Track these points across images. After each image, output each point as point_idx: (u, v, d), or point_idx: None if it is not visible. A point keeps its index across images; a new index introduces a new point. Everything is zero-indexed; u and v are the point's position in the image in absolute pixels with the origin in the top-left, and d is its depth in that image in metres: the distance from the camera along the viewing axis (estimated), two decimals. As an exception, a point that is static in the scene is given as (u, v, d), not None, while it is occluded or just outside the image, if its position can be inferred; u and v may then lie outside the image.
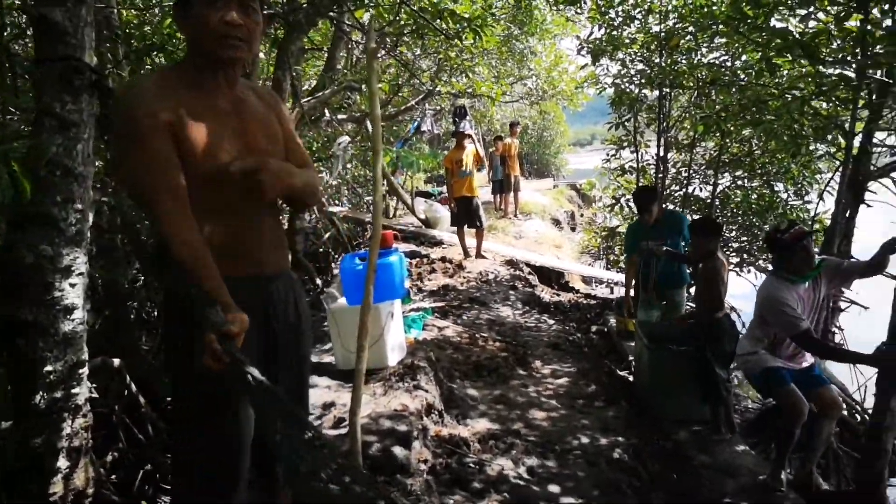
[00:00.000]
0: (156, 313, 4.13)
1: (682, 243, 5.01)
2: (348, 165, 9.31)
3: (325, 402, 3.52)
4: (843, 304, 4.51)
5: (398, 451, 2.97)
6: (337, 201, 10.91)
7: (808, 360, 3.53)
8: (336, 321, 3.92)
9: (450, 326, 5.47)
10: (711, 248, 4.07)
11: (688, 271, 5.29)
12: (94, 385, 2.86)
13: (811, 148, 5.59)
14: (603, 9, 6.71)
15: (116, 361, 3.10)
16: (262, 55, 5.36)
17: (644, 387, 4.53)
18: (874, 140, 4.27)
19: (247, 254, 1.70)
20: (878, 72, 3.64)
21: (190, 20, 1.62)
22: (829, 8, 4.08)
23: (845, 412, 4.59)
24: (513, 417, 3.95)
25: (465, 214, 8.05)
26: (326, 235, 9.31)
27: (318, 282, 7.84)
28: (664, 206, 6.86)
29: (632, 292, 5.54)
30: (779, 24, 4.16)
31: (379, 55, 8.07)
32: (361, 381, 2.76)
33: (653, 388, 4.36)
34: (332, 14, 5.32)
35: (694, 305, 4.96)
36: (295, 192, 1.76)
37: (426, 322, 5.42)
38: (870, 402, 4.43)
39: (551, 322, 6.39)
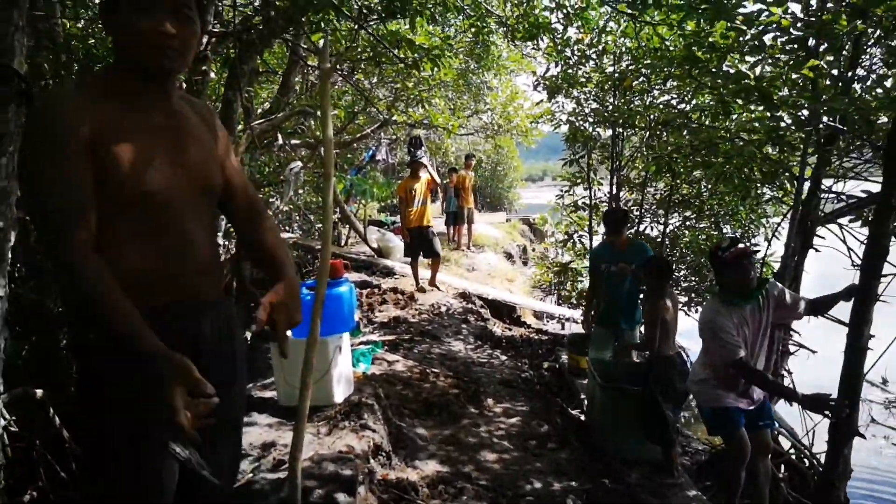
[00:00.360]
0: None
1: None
2: (300, 191, 9.11)
3: (265, 442, 3.30)
4: (791, 348, 4.53)
5: (342, 498, 2.78)
6: (287, 228, 10.67)
7: (760, 394, 3.47)
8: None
9: (400, 361, 5.29)
10: (654, 287, 4.12)
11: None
12: (13, 418, 2.62)
13: (759, 191, 5.70)
14: (559, 47, 6.77)
15: (39, 392, 2.83)
16: (213, 74, 5.17)
17: (597, 426, 4.45)
18: (822, 186, 4.35)
19: (178, 278, 1.52)
20: (828, 119, 3.71)
21: (118, 27, 1.45)
22: (779, 56, 4.17)
23: (793, 456, 4.59)
24: (463, 459, 3.79)
25: (420, 244, 7.87)
26: (274, 263, 9.05)
27: (264, 310, 7.58)
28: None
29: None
30: (730, 70, 4.24)
31: (334, 80, 7.96)
32: (304, 423, 2.57)
33: (605, 427, 4.28)
34: (287, 36, 5.20)
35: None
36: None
37: (375, 356, 5.23)
38: (818, 447, 4.45)
39: (503, 358, 6.28)
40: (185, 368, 1.32)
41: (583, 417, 4.97)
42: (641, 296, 5.04)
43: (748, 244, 3.28)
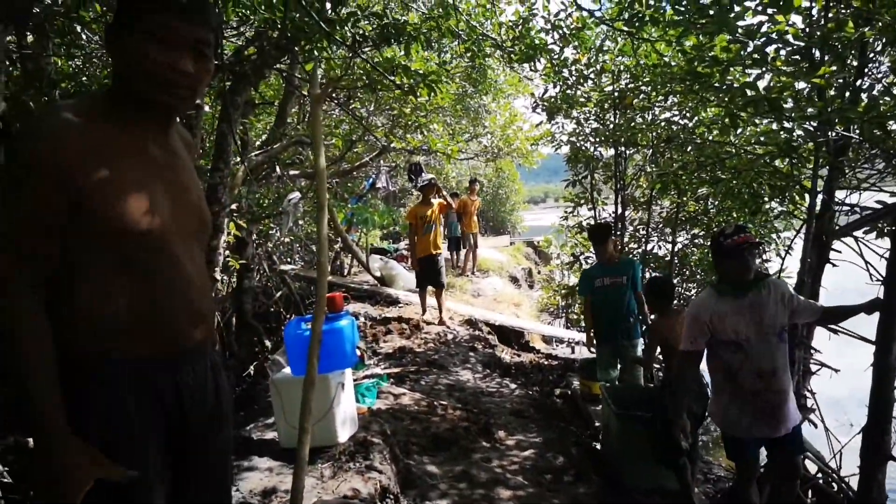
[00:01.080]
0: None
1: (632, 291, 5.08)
2: (300, 222, 9.02)
3: (266, 489, 3.13)
4: (813, 367, 4.36)
5: (347, 548, 2.61)
6: (289, 259, 10.57)
7: (789, 418, 3.18)
8: (280, 393, 3.56)
9: (406, 394, 5.12)
10: (655, 306, 4.05)
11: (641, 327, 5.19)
12: (5, 469, 2.54)
13: (768, 206, 5.57)
14: (557, 67, 6.71)
15: (32, 441, 2.70)
16: (206, 108, 5.10)
17: (613, 456, 4.27)
18: (836, 198, 4.21)
19: (163, 326, 1.39)
20: (838, 129, 3.60)
21: (126, 51, 1.32)
22: (782, 67, 4.08)
23: (821, 480, 4.38)
24: (476, 498, 3.60)
25: (430, 273, 7.55)
26: (278, 294, 8.92)
27: (268, 343, 7.42)
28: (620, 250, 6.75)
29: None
30: (735, 84, 4.15)
31: (331, 108, 7.91)
32: (304, 469, 2.43)
33: (622, 457, 4.11)
34: (281, 67, 5.13)
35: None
36: None
37: (381, 389, 5.07)
38: (846, 470, 4.25)
39: (513, 386, 6.09)
40: (89, 463, 1.25)
41: (598, 446, 4.78)
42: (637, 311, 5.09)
43: (752, 234, 3.07)
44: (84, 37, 4.58)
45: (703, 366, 5.61)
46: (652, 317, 4.56)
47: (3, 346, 1.23)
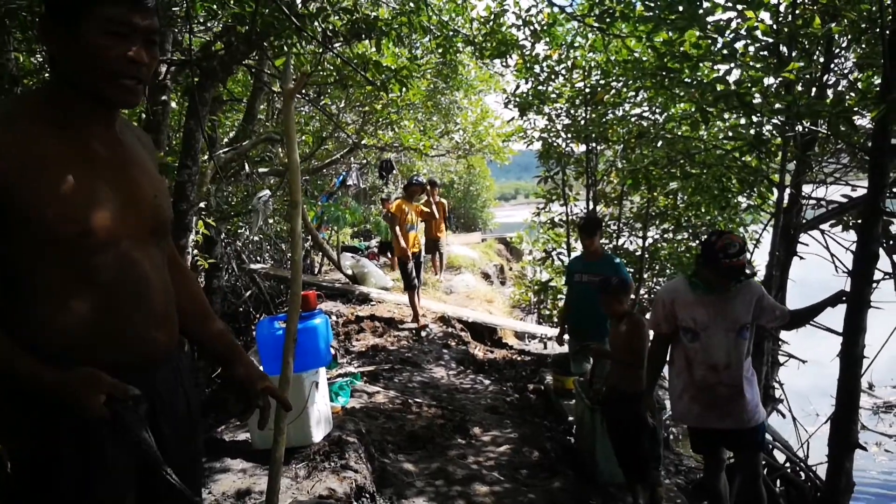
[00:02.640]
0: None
1: None
2: (270, 220, 8.91)
3: (239, 490, 3.07)
4: (781, 359, 4.44)
5: (324, 549, 2.57)
6: (258, 258, 10.43)
7: (736, 418, 3.11)
8: (253, 394, 3.49)
9: (381, 392, 5.08)
10: (610, 308, 3.73)
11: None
12: None
13: (737, 201, 5.66)
14: (528, 63, 6.73)
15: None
16: (173, 104, 4.99)
17: (588, 451, 4.29)
18: (803, 192, 4.29)
19: (128, 334, 1.32)
20: (806, 124, 3.66)
21: (74, 45, 1.24)
22: (751, 63, 4.14)
23: (789, 470, 4.47)
24: (453, 494, 3.59)
25: (416, 271, 7.29)
26: (247, 294, 8.81)
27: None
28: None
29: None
30: (704, 80, 4.20)
31: (301, 104, 7.82)
32: (280, 469, 2.39)
33: (596, 451, 4.12)
34: (250, 62, 5.04)
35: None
36: None
37: (354, 388, 5.02)
38: (813, 459, 4.34)
39: (487, 382, 6.10)
40: (94, 378, 1.20)
41: (572, 441, 4.81)
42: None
43: (746, 259, 3.05)
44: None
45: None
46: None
47: None
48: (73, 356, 1.24)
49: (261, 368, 1.60)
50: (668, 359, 3.36)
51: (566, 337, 5.42)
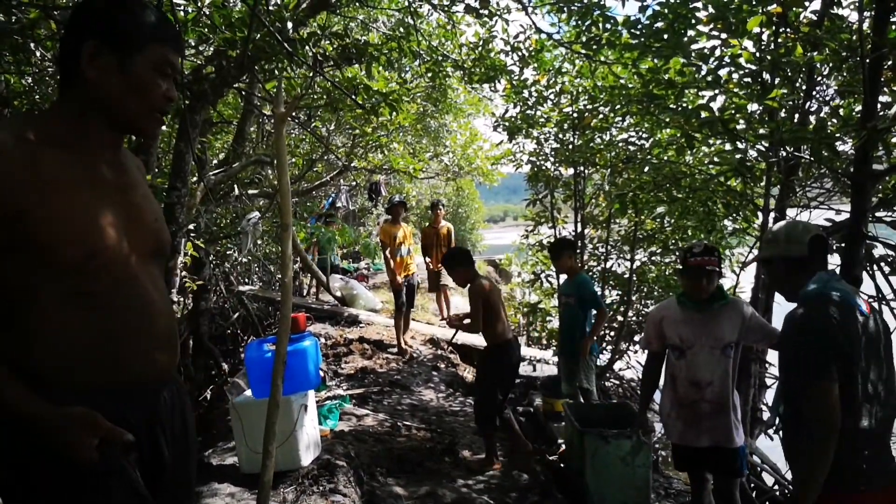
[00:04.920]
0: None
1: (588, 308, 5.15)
2: (259, 242, 8.88)
3: (226, 515, 3.04)
4: (768, 381, 4.47)
5: (312, 575, 2.54)
6: (247, 279, 10.38)
7: (714, 435, 3.15)
8: (240, 417, 3.47)
9: (370, 415, 5.05)
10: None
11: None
12: None
13: (723, 224, 5.73)
14: (517, 88, 6.81)
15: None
16: (163, 126, 5.00)
17: (577, 474, 4.28)
18: (787, 216, 4.35)
19: (130, 356, 1.33)
20: (789, 149, 3.72)
21: (122, 76, 1.31)
22: (735, 90, 4.22)
23: (777, 492, 4.48)
24: (442, 520, 3.56)
25: (407, 296, 7.23)
26: (235, 316, 8.75)
27: (225, 367, 7.25)
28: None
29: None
30: (689, 106, 4.27)
31: (291, 127, 7.85)
32: (268, 493, 2.36)
33: (586, 474, 4.11)
34: (240, 85, 5.08)
35: None
36: None
37: (343, 411, 4.99)
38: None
39: (476, 405, 6.06)
40: (90, 421, 1.19)
41: (562, 464, 4.79)
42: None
43: (716, 258, 3.12)
44: (38, 54, 4.45)
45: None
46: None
47: None
48: (76, 377, 1.25)
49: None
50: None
51: (555, 358, 5.51)
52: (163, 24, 1.38)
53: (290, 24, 4.01)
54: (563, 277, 5.62)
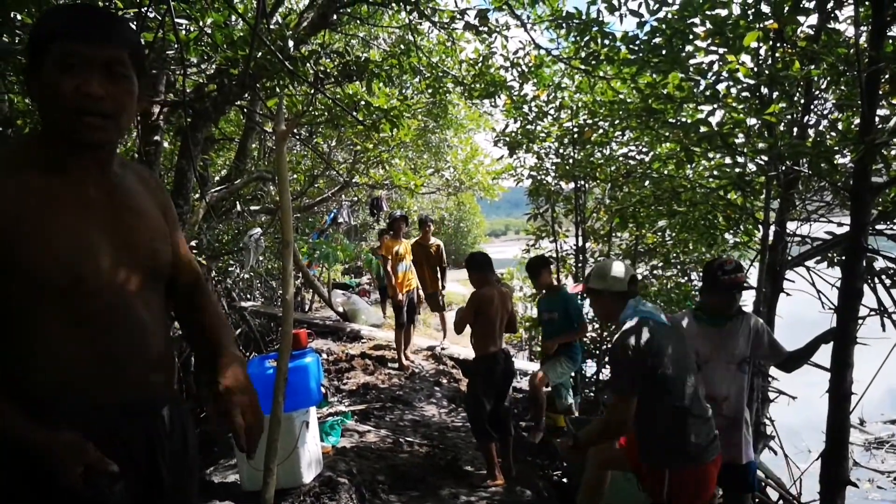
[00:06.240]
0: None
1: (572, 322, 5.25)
2: (261, 258, 8.90)
3: (228, 534, 3.02)
4: (771, 395, 4.45)
5: None
6: (249, 296, 10.38)
7: (728, 450, 3.11)
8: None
9: (371, 431, 5.03)
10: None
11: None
12: None
13: (723, 238, 5.73)
14: (517, 103, 6.85)
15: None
16: (165, 144, 5.03)
17: (580, 489, 4.25)
18: (787, 229, 4.36)
19: (124, 378, 1.32)
20: (788, 163, 3.74)
21: (38, 84, 1.25)
22: (734, 104, 4.25)
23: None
24: (444, 536, 3.54)
25: (409, 311, 7.22)
26: (237, 332, 8.74)
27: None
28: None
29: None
30: (688, 120, 4.29)
31: (293, 144, 7.89)
32: (269, 512, 2.35)
33: (590, 491, 4.09)
34: (242, 103, 5.12)
35: None
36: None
37: (345, 427, 4.97)
38: (806, 496, 4.32)
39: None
40: (78, 448, 1.17)
41: (565, 480, 4.76)
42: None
43: (745, 276, 3.18)
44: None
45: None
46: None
47: None
48: (70, 398, 1.24)
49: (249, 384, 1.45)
50: None
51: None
52: (72, 18, 1.25)
53: (291, 43, 4.05)
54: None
